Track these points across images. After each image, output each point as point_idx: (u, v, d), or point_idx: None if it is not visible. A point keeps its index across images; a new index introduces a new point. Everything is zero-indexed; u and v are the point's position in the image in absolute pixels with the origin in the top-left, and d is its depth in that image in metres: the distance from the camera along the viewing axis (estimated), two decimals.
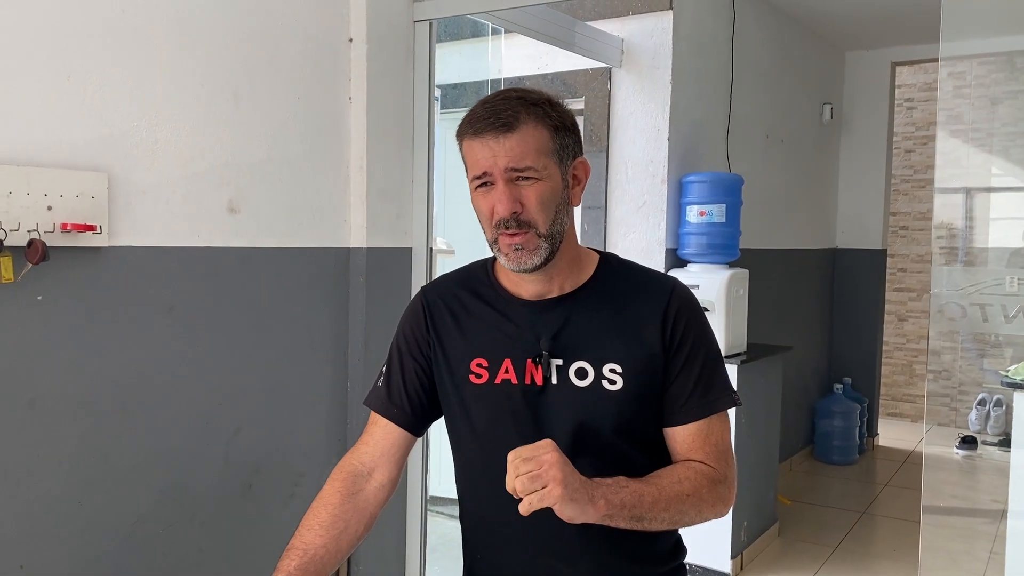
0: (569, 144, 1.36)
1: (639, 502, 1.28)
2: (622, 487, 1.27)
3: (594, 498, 1.22)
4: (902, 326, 6.80)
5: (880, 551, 4.18)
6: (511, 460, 1.20)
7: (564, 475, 1.19)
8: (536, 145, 1.30)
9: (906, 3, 4.78)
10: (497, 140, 1.29)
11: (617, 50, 3.95)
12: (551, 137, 1.32)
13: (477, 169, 1.32)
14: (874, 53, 5.71)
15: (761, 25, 4.72)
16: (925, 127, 6.69)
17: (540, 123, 1.31)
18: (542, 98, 1.34)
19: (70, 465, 1.81)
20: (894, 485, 5.20)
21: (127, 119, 1.87)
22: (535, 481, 1.17)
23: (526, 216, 1.31)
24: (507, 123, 1.29)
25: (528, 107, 1.31)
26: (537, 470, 1.18)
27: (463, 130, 1.34)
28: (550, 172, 1.32)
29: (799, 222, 5.38)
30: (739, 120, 4.42)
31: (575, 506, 1.20)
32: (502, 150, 1.29)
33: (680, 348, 1.39)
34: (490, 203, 1.32)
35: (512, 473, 1.19)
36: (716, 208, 3.81)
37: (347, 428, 2.43)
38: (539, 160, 1.30)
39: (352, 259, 2.40)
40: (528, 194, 1.31)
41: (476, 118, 1.31)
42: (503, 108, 1.30)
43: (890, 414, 6.66)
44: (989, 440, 5.95)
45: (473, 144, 1.32)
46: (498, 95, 1.34)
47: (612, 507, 1.24)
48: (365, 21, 2.34)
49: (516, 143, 1.29)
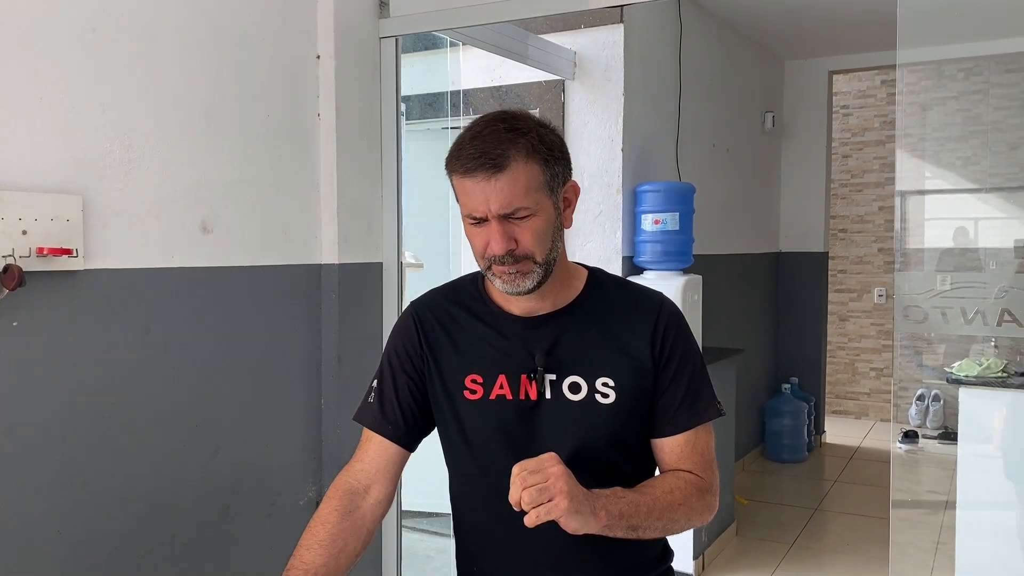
0: (559, 172, 1.36)
1: (635, 512, 1.31)
2: (620, 498, 1.31)
3: (596, 509, 1.25)
4: (843, 326, 7.01)
5: (834, 546, 4.31)
6: (516, 473, 1.22)
7: (570, 487, 1.21)
8: (527, 183, 1.30)
9: (842, 14, 4.95)
10: (488, 181, 1.28)
11: (570, 63, 4.01)
12: (542, 171, 1.32)
13: (469, 209, 1.32)
14: (812, 62, 5.89)
15: (706, 37, 4.84)
16: (860, 133, 6.92)
17: (530, 158, 1.30)
18: (531, 125, 1.33)
19: (49, 492, 1.78)
20: (843, 481, 5.36)
21: (100, 140, 1.85)
22: (542, 493, 1.19)
23: (521, 251, 1.32)
24: (497, 164, 1.28)
25: (517, 141, 1.30)
26: (544, 482, 1.20)
27: (453, 166, 1.33)
28: (543, 205, 1.33)
29: (745, 228, 5.52)
30: (687, 130, 4.52)
31: (580, 518, 1.22)
32: (493, 192, 1.29)
33: (669, 362, 1.43)
34: (484, 240, 1.33)
35: (519, 485, 1.20)
36: (670, 216, 3.90)
37: (321, 446, 2.43)
38: (530, 197, 1.31)
39: (324, 275, 2.39)
40: (523, 231, 1.32)
41: (466, 156, 1.30)
42: (492, 147, 1.29)
43: (834, 412, 6.86)
44: (929, 434, 6.18)
45: (464, 183, 1.31)
46: (486, 127, 1.32)
47: (612, 517, 1.27)
48: (333, 38, 2.35)
49: (507, 183, 1.29)
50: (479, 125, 1.34)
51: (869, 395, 6.97)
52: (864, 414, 6.96)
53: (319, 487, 2.42)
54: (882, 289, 6.89)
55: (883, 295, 6.89)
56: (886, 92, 6.83)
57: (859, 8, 4.78)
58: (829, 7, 4.84)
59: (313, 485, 2.41)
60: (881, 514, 4.74)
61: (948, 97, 6.13)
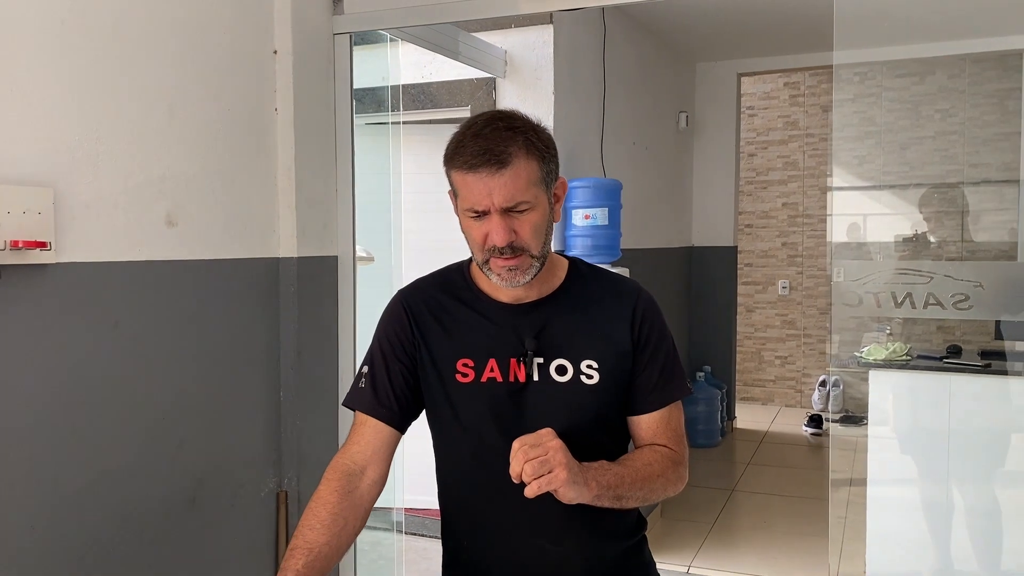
0: (553, 169, 1.46)
1: (620, 483, 1.42)
2: (607, 470, 1.41)
3: (587, 480, 1.35)
4: (750, 316, 7.35)
5: (753, 523, 4.55)
6: (517, 448, 1.30)
7: (567, 460, 1.31)
8: (527, 178, 1.39)
9: (750, 19, 5.21)
10: (492, 176, 1.36)
11: (501, 61, 4.10)
12: (539, 167, 1.41)
13: (472, 203, 1.39)
14: (722, 65, 6.15)
15: (627, 39, 5.02)
16: (765, 132, 7.26)
17: (530, 155, 1.39)
18: (527, 124, 1.43)
19: (22, 489, 1.76)
20: (755, 463, 5.65)
21: (70, 132, 1.84)
22: (543, 465, 1.28)
23: (520, 243, 1.40)
24: (501, 160, 1.36)
25: (516, 139, 1.38)
26: (544, 455, 1.30)
27: (455, 162, 1.40)
28: (540, 200, 1.42)
29: (662, 223, 5.74)
30: (611, 128, 4.68)
31: (576, 488, 1.32)
32: (497, 187, 1.37)
33: (646, 344, 1.55)
34: (483, 232, 1.40)
35: (521, 458, 1.28)
36: (599, 211, 4.04)
37: (280, 437, 2.45)
38: (529, 192, 1.39)
39: (282, 269, 2.42)
40: (522, 224, 1.40)
41: (469, 153, 1.37)
42: (495, 144, 1.37)
43: (743, 398, 7.18)
44: (831, 417, 6.56)
45: (467, 178, 1.38)
46: (485, 126, 1.40)
47: (601, 488, 1.38)
48: (290, 33, 2.38)
49: (509, 179, 1.37)
50: (478, 124, 1.41)
51: (775, 382, 7.33)
52: (770, 400, 7.32)
53: (279, 478, 2.44)
54: (786, 281, 7.25)
55: (787, 287, 7.25)
56: (788, 94, 7.19)
57: (766, 14, 5.05)
58: (738, 12, 5.08)
59: (273, 477, 2.43)
60: (791, 493, 5.04)
61: (845, 100, 6.51)
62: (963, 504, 3.53)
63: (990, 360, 3.42)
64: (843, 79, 6.64)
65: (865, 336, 4.16)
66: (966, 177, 6.17)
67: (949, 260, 5.50)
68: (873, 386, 3.62)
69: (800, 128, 7.17)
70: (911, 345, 3.66)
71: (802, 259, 7.21)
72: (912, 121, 6.38)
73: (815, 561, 3.84)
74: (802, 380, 7.21)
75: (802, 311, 7.22)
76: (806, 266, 7.19)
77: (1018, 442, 3.46)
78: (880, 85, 6.53)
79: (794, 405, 7.22)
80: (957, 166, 6.23)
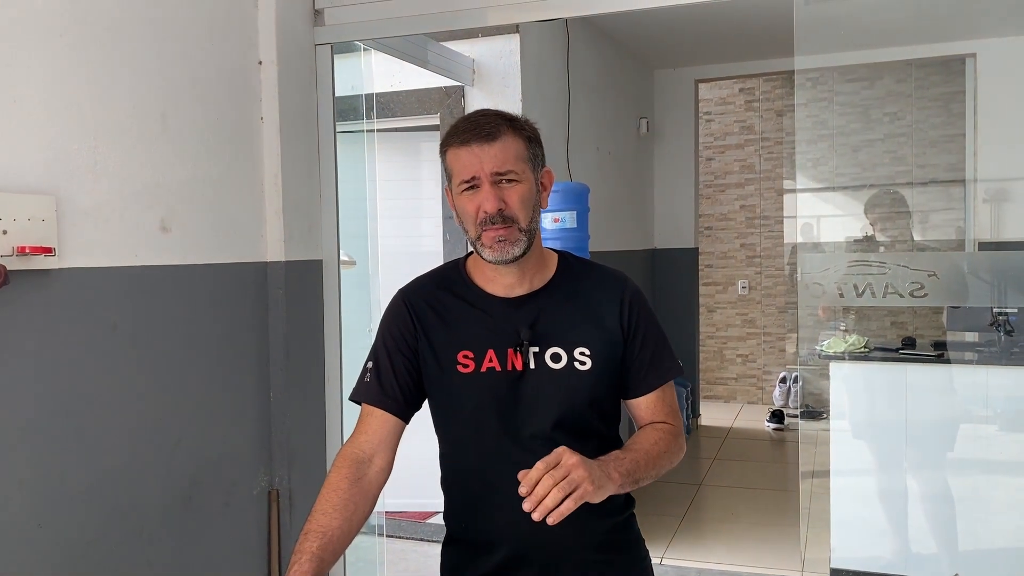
0: (539, 154, 1.61)
1: (636, 468, 1.52)
2: (622, 459, 1.50)
3: (609, 474, 1.43)
4: (711, 316, 7.52)
5: (721, 516, 4.69)
6: (540, 470, 1.33)
7: (589, 470, 1.37)
8: (515, 152, 1.54)
9: (706, 28, 5.38)
10: (482, 148, 1.51)
11: (469, 69, 4.20)
12: (526, 146, 1.57)
13: (465, 174, 1.53)
14: (680, 71, 6.33)
15: (589, 47, 5.15)
16: (722, 137, 7.45)
17: (517, 134, 1.55)
18: (514, 116, 1.59)
19: (29, 488, 1.81)
20: (720, 459, 5.80)
21: (69, 141, 1.89)
22: (569, 485, 1.33)
23: (509, 212, 1.52)
24: (490, 133, 1.52)
25: (505, 121, 1.55)
26: (567, 475, 1.34)
27: (449, 142, 1.55)
28: (527, 176, 1.56)
29: (626, 226, 5.88)
30: (576, 134, 4.80)
31: (602, 491, 1.40)
32: (487, 156, 1.51)
33: (636, 332, 1.66)
34: (476, 203, 1.53)
35: (548, 483, 1.32)
36: (568, 215, 4.15)
37: (271, 436, 2.51)
38: (518, 165, 1.54)
39: (270, 272, 2.48)
40: (510, 194, 1.53)
41: (462, 131, 1.53)
42: (485, 122, 1.53)
43: (707, 396, 7.34)
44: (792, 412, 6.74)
45: (460, 152, 1.53)
46: (476, 113, 1.58)
47: (623, 476, 1.46)
48: (275, 44, 2.45)
49: (499, 150, 1.52)
50: (471, 114, 1.58)
51: (736, 380, 7.51)
52: (733, 398, 7.50)
53: (270, 477, 2.50)
54: (745, 281, 7.44)
55: (746, 287, 7.45)
56: (743, 99, 7.39)
57: (722, 23, 5.23)
58: (695, 21, 5.25)
59: (265, 475, 2.49)
60: (756, 485, 5.19)
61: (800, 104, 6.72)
62: (918, 490, 3.70)
63: (942, 351, 3.60)
64: (802, 84, 6.85)
65: (822, 333, 4.33)
66: (915, 178, 6.41)
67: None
68: (834, 378, 3.78)
69: (756, 132, 7.38)
70: (868, 339, 3.82)
71: (760, 259, 7.40)
72: (863, 124, 6.60)
73: (782, 549, 3.98)
74: (763, 377, 7.40)
75: (761, 310, 7.42)
76: (764, 266, 7.39)
77: (966, 430, 3.64)
78: (832, 90, 6.75)
79: (756, 402, 7.40)
80: (906, 167, 6.47)
